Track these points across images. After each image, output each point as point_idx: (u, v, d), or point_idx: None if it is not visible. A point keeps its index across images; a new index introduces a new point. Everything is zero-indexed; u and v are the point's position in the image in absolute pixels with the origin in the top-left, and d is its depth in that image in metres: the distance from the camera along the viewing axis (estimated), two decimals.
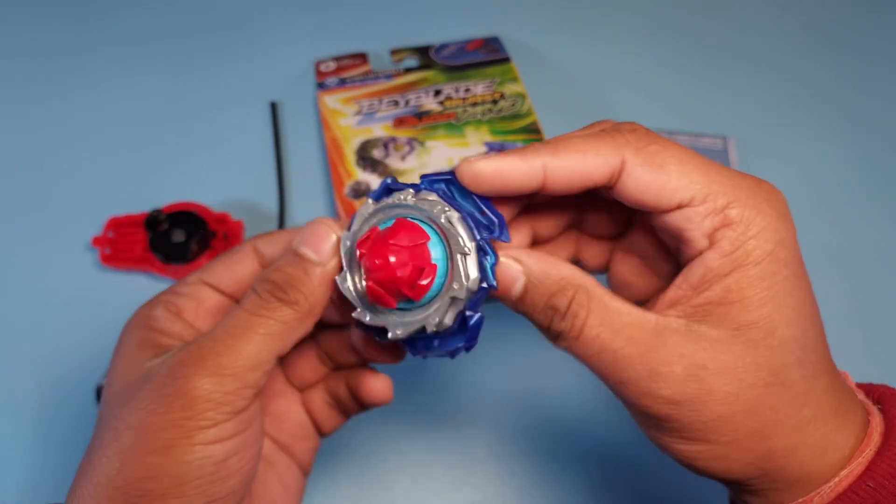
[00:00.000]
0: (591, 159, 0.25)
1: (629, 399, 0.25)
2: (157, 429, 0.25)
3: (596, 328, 0.25)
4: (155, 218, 0.47)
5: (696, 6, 0.63)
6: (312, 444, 0.34)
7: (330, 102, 0.53)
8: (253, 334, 0.26)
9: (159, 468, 0.25)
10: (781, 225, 0.25)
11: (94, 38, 0.59)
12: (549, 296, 0.25)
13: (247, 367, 0.26)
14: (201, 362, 0.25)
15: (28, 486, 0.41)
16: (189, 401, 0.25)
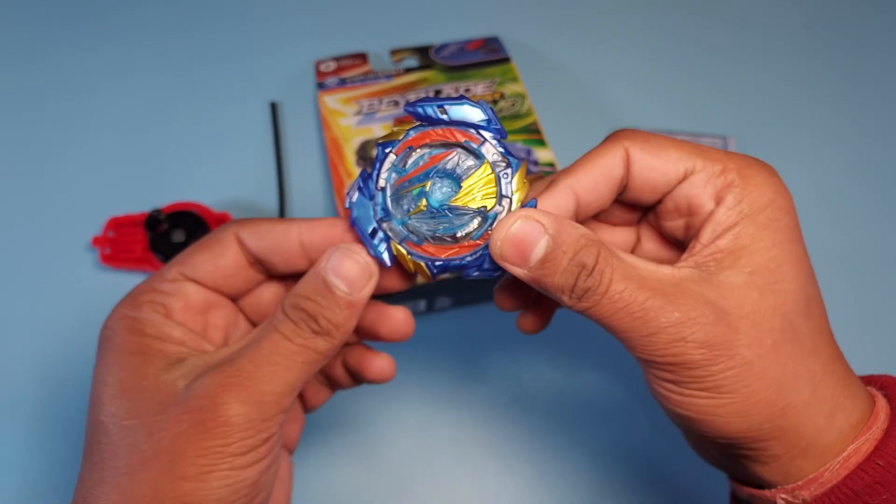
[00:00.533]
0: (602, 162, 0.27)
1: (659, 350, 0.25)
2: (194, 454, 0.24)
3: (622, 282, 0.25)
4: (155, 218, 0.47)
5: (696, 6, 0.63)
6: (299, 423, 0.34)
7: (330, 102, 0.53)
8: (293, 364, 0.26)
9: (196, 495, 0.24)
10: (772, 182, 0.27)
11: (93, 38, 0.59)
12: (574, 253, 0.25)
13: (284, 394, 0.26)
14: (242, 389, 0.25)
15: (28, 486, 0.41)
16: (229, 428, 0.25)
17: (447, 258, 0.27)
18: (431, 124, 0.27)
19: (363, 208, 0.27)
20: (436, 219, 0.27)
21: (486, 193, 0.27)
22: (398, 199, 0.27)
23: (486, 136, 0.27)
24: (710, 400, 0.25)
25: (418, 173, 0.27)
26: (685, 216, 0.28)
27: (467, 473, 0.42)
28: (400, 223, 0.27)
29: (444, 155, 0.27)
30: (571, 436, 0.43)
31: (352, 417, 0.43)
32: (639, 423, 0.44)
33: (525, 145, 0.50)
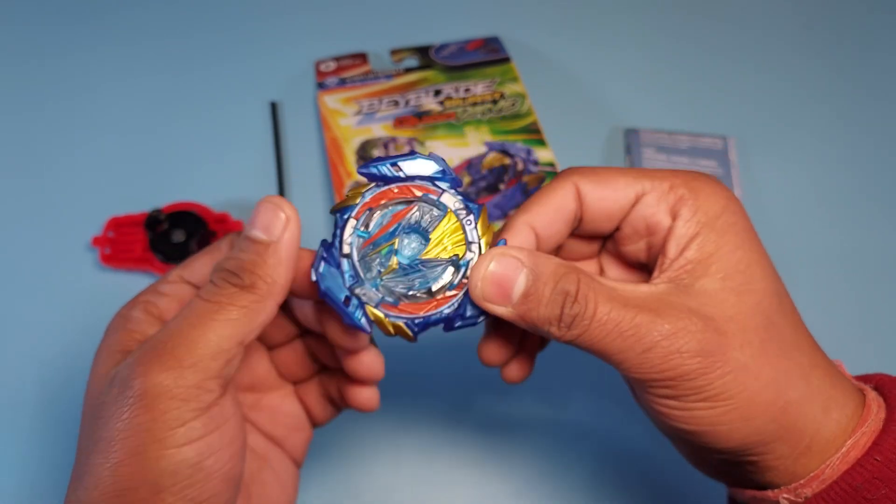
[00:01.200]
0: (554, 199, 0.28)
1: (656, 366, 0.25)
2: (124, 437, 0.23)
3: (607, 304, 0.25)
4: (155, 218, 0.47)
5: (697, 6, 0.63)
6: (306, 434, 0.33)
7: (330, 102, 0.53)
8: (211, 322, 0.25)
9: (133, 478, 0.23)
10: (720, 190, 0.27)
11: (93, 38, 0.59)
12: (555, 282, 0.25)
13: (207, 356, 0.24)
14: (157, 358, 0.24)
15: (28, 485, 0.41)
16: (150, 401, 0.23)
17: (427, 314, 0.27)
18: (387, 183, 0.27)
19: (332, 277, 0.26)
20: (409, 275, 0.27)
21: (455, 242, 0.27)
22: (366, 262, 0.27)
23: (443, 187, 0.27)
24: (712, 409, 0.25)
25: (384, 233, 0.27)
26: (645, 237, 0.29)
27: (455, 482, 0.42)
28: (373, 286, 0.27)
29: (407, 211, 0.27)
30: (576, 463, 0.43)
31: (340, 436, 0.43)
32: (634, 435, 0.44)
33: (525, 145, 0.50)
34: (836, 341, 0.36)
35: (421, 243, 0.27)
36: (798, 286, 0.49)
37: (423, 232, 0.27)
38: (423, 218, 0.27)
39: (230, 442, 0.25)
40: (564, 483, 0.42)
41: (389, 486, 0.42)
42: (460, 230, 0.27)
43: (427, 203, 0.27)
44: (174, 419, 0.24)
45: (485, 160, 0.49)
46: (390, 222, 0.27)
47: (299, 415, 0.33)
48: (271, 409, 0.33)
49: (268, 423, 0.32)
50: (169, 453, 0.23)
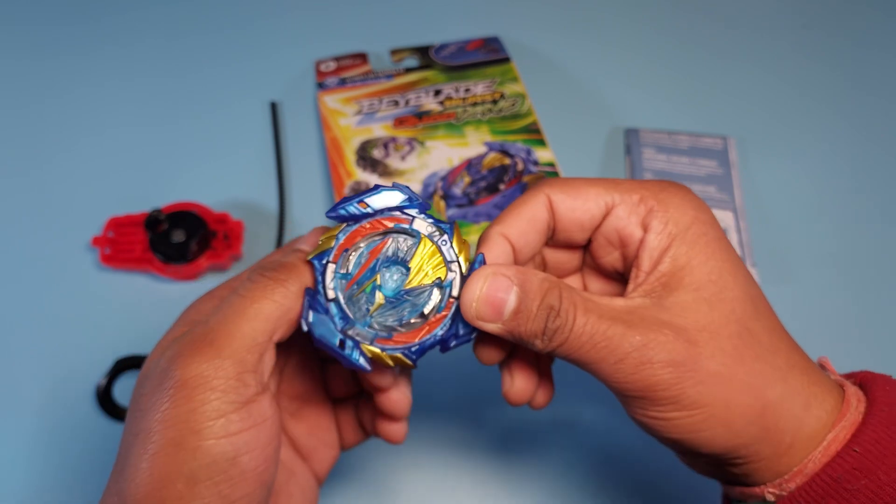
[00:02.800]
0: (527, 210, 0.29)
1: (628, 375, 0.26)
2: (162, 427, 0.24)
3: (584, 315, 0.26)
4: (155, 218, 0.47)
5: (697, 7, 0.63)
6: (334, 453, 0.34)
7: (330, 102, 0.53)
8: (245, 314, 0.25)
9: (170, 470, 0.23)
10: (689, 200, 0.28)
11: (94, 38, 0.59)
12: (541, 298, 0.26)
13: (243, 348, 0.25)
14: (196, 349, 0.24)
15: (29, 485, 0.41)
16: (189, 391, 0.24)
17: (421, 339, 0.27)
18: (357, 221, 0.28)
19: (322, 324, 0.26)
20: (398, 307, 0.27)
21: (435, 265, 0.28)
22: (353, 302, 0.27)
23: (412, 214, 0.28)
24: (691, 417, 0.26)
25: (364, 271, 0.27)
26: (618, 247, 0.30)
27: None
28: (364, 325, 0.27)
29: (382, 245, 0.28)
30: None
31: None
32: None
33: (525, 145, 0.50)
34: (834, 340, 0.36)
35: (402, 273, 0.28)
36: (797, 286, 0.49)
37: (402, 262, 0.28)
38: (399, 248, 0.28)
39: (266, 443, 0.25)
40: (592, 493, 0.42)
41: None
42: (437, 253, 0.28)
43: (400, 233, 0.28)
44: (213, 410, 0.24)
45: (485, 160, 0.49)
46: (368, 259, 0.28)
47: (332, 433, 0.34)
48: (311, 421, 0.33)
49: (304, 433, 0.33)
50: (206, 445, 0.23)
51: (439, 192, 0.48)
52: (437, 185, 0.48)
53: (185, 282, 0.48)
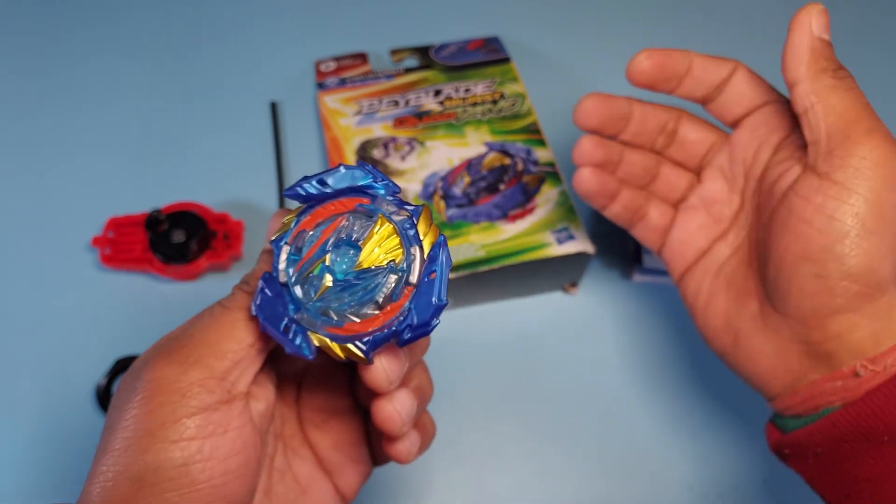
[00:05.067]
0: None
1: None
2: (124, 427, 0.23)
3: None
4: (155, 218, 0.47)
5: (697, 7, 0.63)
6: (364, 469, 0.31)
7: (330, 102, 0.53)
8: (219, 323, 0.25)
9: (124, 471, 0.23)
10: None
11: (94, 38, 0.59)
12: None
13: (211, 353, 0.24)
14: (167, 352, 0.24)
15: (28, 486, 0.41)
16: (151, 392, 0.23)
17: (373, 329, 0.25)
18: (319, 202, 0.26)
19: (269, 307, 0.25)
20: (347, 290, 0.25)
21: (390, 248, 0.25)
22: (305, 286, 0.25)
23: (375, 195, 0.26)
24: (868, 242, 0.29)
25: (313, 252, 0.25)
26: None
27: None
28: (313, 311, 0.25)
29: (335, 224, 0.26)
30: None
31: None
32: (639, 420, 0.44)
33: (525, 145, 0.50)
34: None
35: (353, 255, 0.25)
36: None
37: (354, 243, 0.25)
38: (353, 229, 0.26)
39: (227, 455, 0.24)
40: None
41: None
42: (395, 234, 0.25)
43: (359, 213, 0.26)
44: (168, 413, 0.23)
45: (485, 160, 0.50)
46: (320, 239, 0.25)
47: (363, 447, 0.31)
48: (338, 434, 0.31)
49: (329, 447, 0.31)
50: (156, 447, 0.23)
51: (439, 192, 0.48)
52: (437, 185, 0.48)
53: (185, 282, 0.48)
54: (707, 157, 0.38)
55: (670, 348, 0.47)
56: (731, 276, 0.35)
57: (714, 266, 0.36)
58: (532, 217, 0.47)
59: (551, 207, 0.47)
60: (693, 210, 0.38)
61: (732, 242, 0.36)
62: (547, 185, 0.48)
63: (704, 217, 0.38)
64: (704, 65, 0.37)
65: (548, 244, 0.45)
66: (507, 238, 0.46)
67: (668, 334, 0.47)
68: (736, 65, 0.37)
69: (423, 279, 0.25)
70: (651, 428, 0.44)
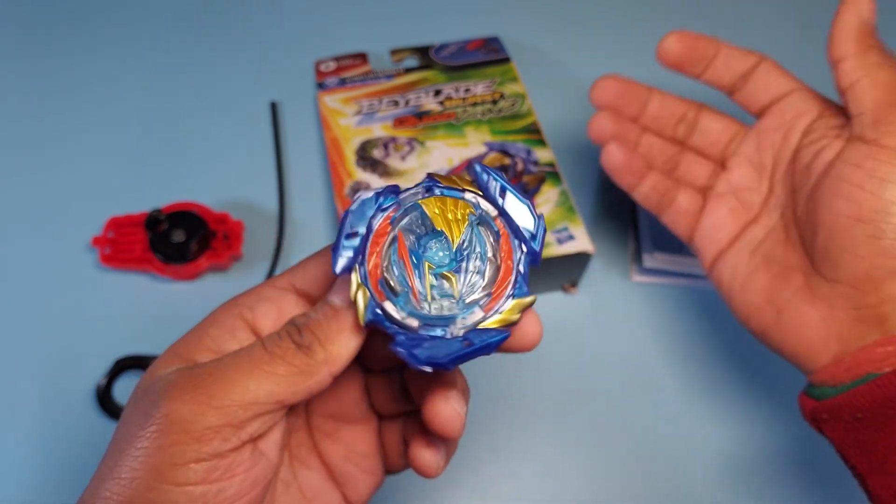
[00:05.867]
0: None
1: None
2: (133, 456, 0.23)
3: None
4: (155, 218, 0.47)
5: (697, 7, 0.63)
6: (376, 480, 0.30)
7: (330, 102, 0.53)
8: (256, 370, 0.23)
9: (123, 501, 0.22)
10: None
11: (93, 38, 0.59)
12: None
13: (237, 403, 0.23)
14: (192, 388, 0.23)
15: (28, 485, 0.41)
16: (166, 428, 0.22)
17: (514, 278, 0.24)
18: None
19: (413, 344, 0.23)
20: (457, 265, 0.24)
21: (457, 209, 0.24)
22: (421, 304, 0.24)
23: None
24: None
25: (414, 276, 0.24)
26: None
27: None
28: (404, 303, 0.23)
29: (399, 239, 0.24)
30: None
31: None
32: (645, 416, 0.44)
33: (525, 145, 0.50)
34: None
35: (439, 240, 0.24)
36: None
37: (428, 233, 0.24)
38: (412, 224, 0.24)
39: (232, 498, 0.24)
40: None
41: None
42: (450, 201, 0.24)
43: (405, 203, 0.24)
44: (178, 454, 0.22)
45: (485, 160, 0.49)
46: (406, 260, 0.24)
47: (375, 457, 0.30)
48: (349, 443, 0.29)
49: (340, 457, 0.29)
50: (161, 487, 0.22)
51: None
52: None
53: (185, 282, 0.48)
54: (731, 146, 0.40)
55: (670, 348, 0.47)
56: (770, 255, 0.37)
57: (748, 248, 0.37)
58: None
59: (551, 207, 0.47)
60: (722, 197, 0.39)
61: (766, 225, 0.37)
62: (547, 185, 0.48)
63: (734, 203, 0.39)
64: (732, 53, 0.39)
65: (548, 244, 0.45)
66: None
67: (668, 334, 0.47)
68: (761, 56, 0.38)
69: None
70: (651, 428, 0.44)
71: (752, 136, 0.39)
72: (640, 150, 0.41)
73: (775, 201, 0.37)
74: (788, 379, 0.45)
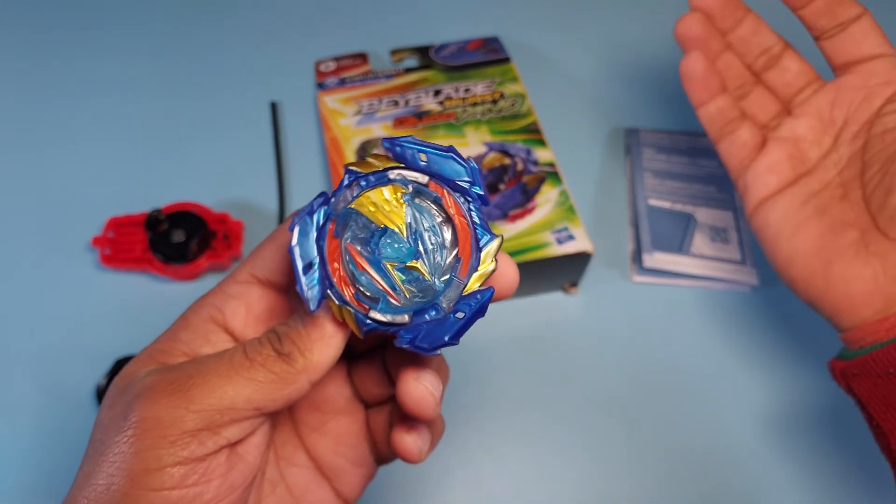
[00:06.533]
0: None
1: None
2: (108, 461, 0.22)
3: None
4: (155, 218, 0.47)
5: None
6: (367, 471, 0.30)
7: (330, 102, 0.53)
8: (236, 375, 0.23)
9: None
10: None
11: (93, 38, 0.59)
12: None
13: (215, 408, 0.23)
14: (170, 392, 0.23)
15: (28, 486, 0.41)
16: (142, 432, 0.22)
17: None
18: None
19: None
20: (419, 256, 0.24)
21: (394, 204, 0.24)
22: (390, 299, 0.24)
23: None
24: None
25: (379, 279, 0.24)
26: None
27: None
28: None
29: (352, 250, 0.24)
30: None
31: None
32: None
33: (525, 145, 0.50)
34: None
35: (388, 236, 0.24)
36: None
37: (376, 231, 0.24)
38: (359, 229, 0.24)
39: (208, 503, 0.23)
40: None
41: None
42: (393, 197, 0.24)
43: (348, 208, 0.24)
44: (153, 459, 0.22)
45: (485, 160, 0.50)
46: (368, 271, 0.24)
47: (364, 448, 0.29)
48: (337, 435, 0.29)
49: (329, 451, 0.29)
50: (135, 493, 0.22)
51: None
52: None
53: (185, 282, 0.48)
54: (803, 93, 0.39)
55: (670, 349, 0.47)
56: (824, 208, 0.36)
57: (801, 197, 0.37)
58: (532, 217, 0.47)
59: (551, 207, 0.47)
60: (783, 141, 0.38)
61: (821, 179, 0.37)
62: (547, 185, 0.48)
63: (793, 150, 0.38)
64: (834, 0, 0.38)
65: (548, 244, 0.45)
66: (507, 238, 0.46)
67: (668, 334, 0.47)
68: (864, 9, 0.37)
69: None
70: (651, 428, 0.44)
71: (829, 89, 0.38)
72: (720, 64, 0.40)
73: (836, 159, 0.37)
74: (790, 381, 0.45)
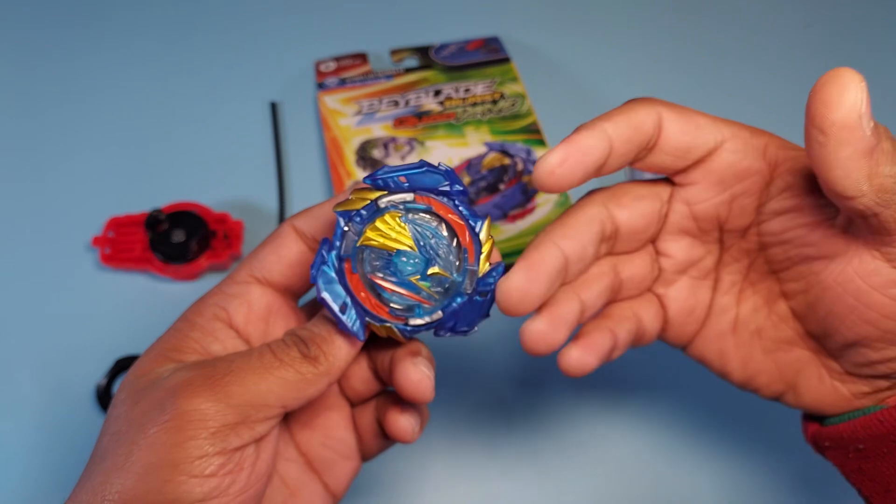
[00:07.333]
0: (636, 116, 0.29)
1: None
2: (145, 449, 0.24)
3: None
4: (155, 218, 0.47)
5: (697, 6, 0.63)
6: (354, 465, 0.31)
7: (330, 102, 0.53)
8: (268, 374, 0.25)
9: (137, 495, 0.23)
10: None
11: (93, 38, 0.59)
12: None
13: (251, 403, 0.25)
14: (210, 385, 0.24)
15: (28, 485, 0.41)
16: (184, 423, 0.24)
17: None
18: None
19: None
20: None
21: (398, 230, 0.27)
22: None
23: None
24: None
25: (407, 295, 0.27)
26: (731, 185, 0.29)
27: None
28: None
29: (376, 279, 0.27)
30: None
31: None
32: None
33: (525, 145, 0.50)
34: None
35: (402, 256, 0.27)
36: None
37: (391, 255, 0.27)
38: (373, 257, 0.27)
39: (240, 491, 0.25)
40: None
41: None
42: (395, 220, 0.27)
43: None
44: (195, 448, 0.24)
45: (485, 160, 0.50)
46: (388, 284, 0.27)
47: (350, 442, 0.31)
48: (326, 429, 0.31)
49: (318, 444, 0.31)
50: (177, 479, 0.23)
51: None
52: None
53: (185, 282, 0.48)
54: (653, 230, 0.31)
55: (670, 348, 0.47)
56: (755, 330, 0.31)
57: (726, 324, 0.32)
58: (532, 217, 0.47)
59: (551, 207, 0.47)
60: (674, 281, 0.32)
61: (729, 290, 0.32)
62: None
63: (688, 280, 0.32)
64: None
65: None
66: (506, 238, 0.46)
67: None
68: (657, 110, 0.29)
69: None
70: (650, 428, 0.44)
71: (676, 207, 0.31)
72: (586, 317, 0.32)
73: (732, 261, 0.31)
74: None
